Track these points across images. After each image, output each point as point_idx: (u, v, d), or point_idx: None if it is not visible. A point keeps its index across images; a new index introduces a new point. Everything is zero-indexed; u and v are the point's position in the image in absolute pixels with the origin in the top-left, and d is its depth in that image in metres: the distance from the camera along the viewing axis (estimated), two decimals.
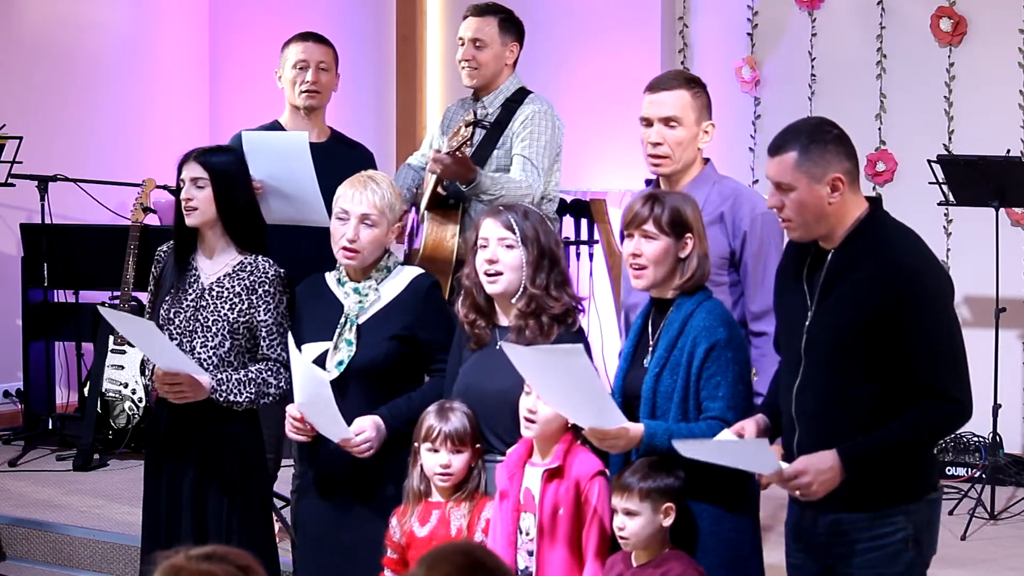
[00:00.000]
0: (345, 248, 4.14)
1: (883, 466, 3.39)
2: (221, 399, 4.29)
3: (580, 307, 3.97)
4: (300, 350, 4.08)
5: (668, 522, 3.58)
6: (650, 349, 3.74)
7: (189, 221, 4.37)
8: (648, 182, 4.21)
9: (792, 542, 3.61)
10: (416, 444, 3.91)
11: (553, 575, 3.68)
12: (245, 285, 4.37)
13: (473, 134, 5.00)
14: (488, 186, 4.94)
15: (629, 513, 3.57)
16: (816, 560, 3.53)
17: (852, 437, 3.38)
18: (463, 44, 5.29)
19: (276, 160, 4.83)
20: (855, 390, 3.40)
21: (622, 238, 4.25)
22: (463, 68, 5.30)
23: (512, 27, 5.32)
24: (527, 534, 3.72)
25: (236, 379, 4.31)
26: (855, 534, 3.44)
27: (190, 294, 4.39)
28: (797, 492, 3.39)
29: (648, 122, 4.15)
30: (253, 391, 4.32)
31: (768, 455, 3.37)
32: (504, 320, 3.96)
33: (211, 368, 4.32)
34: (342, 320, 4.16)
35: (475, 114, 5.07)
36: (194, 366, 4.25)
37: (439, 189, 5.13)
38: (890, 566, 3.43)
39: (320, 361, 4.13)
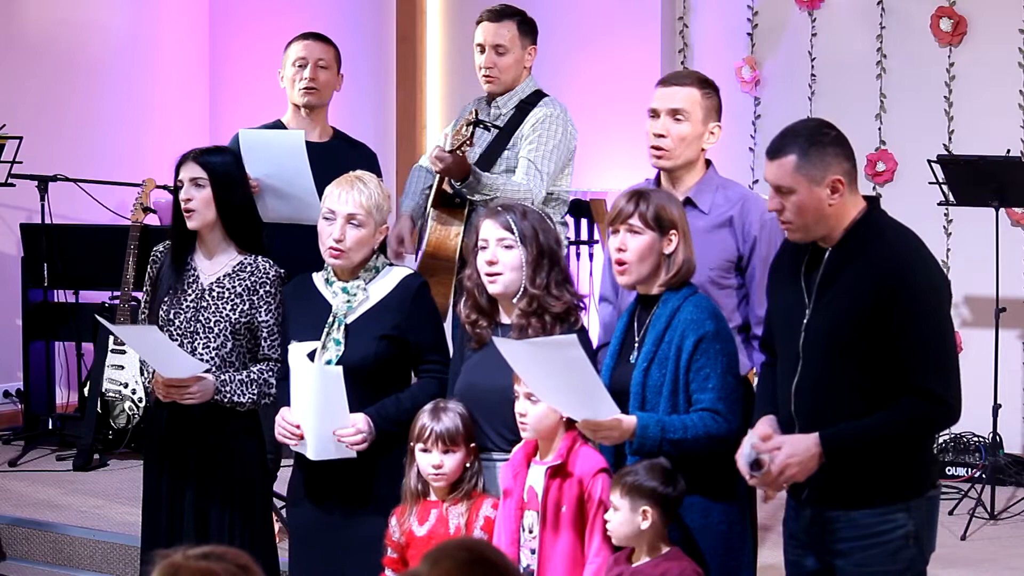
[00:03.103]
0: (332, 248, 4.12)
1: (863, 458, 3.38)
2: (225, 400, 4.30)
3: (582, 305, 3.96)
4: (288, 349, 4.06)
5: (645, 525, 3.56)
6: (636, 345, 3.75)
7: (191, 224, 4.37)
8: (650, 181, 4.19)
9: (790, 538, 3.61)
10: (411, 444, 3.91)
11: (555, 571, 3.68)
12: (246, 286, 4.36)
13: (472, 134, 4.91)
14: (483, 185, 4.90)
15: (613, 507, 3.58)
16: (815, 556, 3.52)
17: None
18: (483, 51, 5.16)
19: (273, 158, 4.83)
20: (854, 387, 3.40)
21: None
22: (483, 75, 5.17)
23: (529, 29, 5.21)
24: (530, 532, 3.72)
25: (239, 380, 4.32)
26: (856, 531, 3.43)
27: (190, 294, 4.39)
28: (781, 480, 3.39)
29: (655, 114, 4.13)
30: (255, 391, 4.33)
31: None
32: (507, 319, 3.95)
33: (213, 369, 4.32)
34: (330, 320, 4.14)
35: (476, 113, 5.00)
36: (198, 365, 4.25)
37: (445, 186, 5.08)
38: (891, 563, 3.43)
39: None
